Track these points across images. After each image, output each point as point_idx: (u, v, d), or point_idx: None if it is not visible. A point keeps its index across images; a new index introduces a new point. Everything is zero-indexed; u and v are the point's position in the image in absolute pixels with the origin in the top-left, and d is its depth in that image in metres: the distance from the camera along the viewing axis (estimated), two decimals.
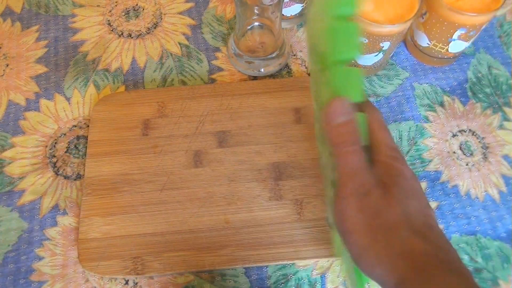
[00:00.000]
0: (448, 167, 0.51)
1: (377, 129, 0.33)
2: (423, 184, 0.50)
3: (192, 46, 0.59)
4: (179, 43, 0.59)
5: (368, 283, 0.37)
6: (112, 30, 0.60)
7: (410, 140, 0.53)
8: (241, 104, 0.53)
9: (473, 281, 0.29)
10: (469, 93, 0.56)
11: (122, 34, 0.60)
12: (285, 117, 0.53)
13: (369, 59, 0.53)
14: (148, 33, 0.60)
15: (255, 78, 0.57)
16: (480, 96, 0.56)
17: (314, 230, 0.46)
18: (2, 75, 0.56)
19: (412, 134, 0.53)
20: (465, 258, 0.47)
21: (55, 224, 0.47)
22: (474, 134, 0.54)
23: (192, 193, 0.48)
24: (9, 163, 0.51)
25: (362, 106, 0.33)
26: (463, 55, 0.59)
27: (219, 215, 0.47)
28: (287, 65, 0.58)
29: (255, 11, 0.50)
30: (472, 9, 0.49)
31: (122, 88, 0.56)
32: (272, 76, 0.57)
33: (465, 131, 0.54)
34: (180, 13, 0.62)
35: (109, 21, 0.61)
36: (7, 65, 0.57)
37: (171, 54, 0.58)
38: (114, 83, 0.56)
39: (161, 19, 0.61)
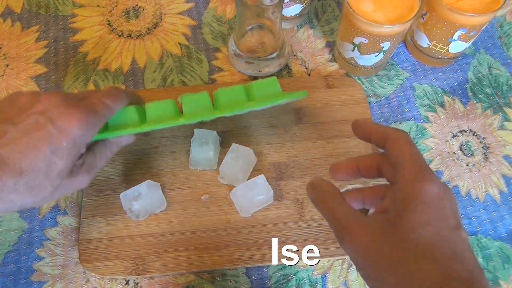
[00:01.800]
0: (448, 168, 0.51)
1: (398, 145, 0.31)
2: None
3: (192, 46, 0.59)
4: (179, 44, 0.59)
5: None
6: (112, 31, 0.60)
7: None
8: None
9: None
10: (470, 94, 0.56)
11: (122, 34, 0.60)
12: (286, 117, 0.53)
13: (370, 59, 0.53)
14: (148, 33, 0.60)
15: (255, 78, 0.57)
16: (481, 96, 0.56)
17: (315, 230, 0.46)
18: (2, 75, 0.56)
19: (412, 134, 0.53)
20: None
21: (55, 224, 0.47)
22: (475, 134, 0.54)
23: (193, 193, 0.48)
24: None
25: (387, 130, 0.33)
26: (463, 55, 0.59)
27: (220, 215, 0.47)
28: (287, 66, 0.58)
29: (255, 11, 0.50)
30: (472, 10, 0.49)
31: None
32: (272, 76, 0.57)
33: (465, 131, 0.54)
34: (180, 13, 0.62)
35: (109, 21, 0.61)
36: (7, 65, 0.57)
37: (171, 55, 0.58)
38: (114, 83, 0.56)
39: (161, 19, 0.61)
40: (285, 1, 0.55)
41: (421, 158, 0.31)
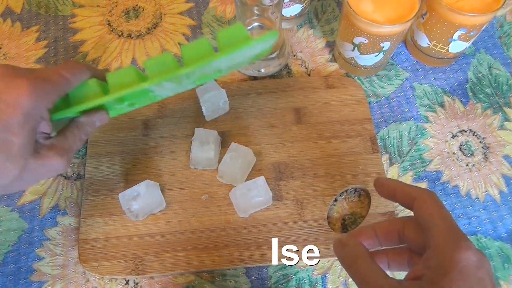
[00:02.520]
0: (448, 168, 0.51)
1: (428, 208, 0.30)
2: (423, 185, 0.50)
3: None
4: (179, 44, 0.59)
5: None
6: (112, 31, 0.60)
7: (410, 141, 0.53)
8: (241, 104, 0.53)
9: None
10: (470, 93, 0.56)
11: (122, 34, 0.60)
12: (285, 117, 0.53)
13: (370, 59, 0.53)
14: (148, 33, 0.60)
15: (255, 78, 0.57)
16: (481, 96, 0.56)
17: (315, 230, 0.46)
18: None
19: (412, 134, 0.53)
20: None
21: (55, 224, 0.47)
22: (475, 134, 0.54)
23: (192, 194, 0.48)
24: None
25: (413, 190, 0.32)
26: (463, 55, 0.59)
27: (220, 215, 0.47)
28: (287, 66, 0.58)
29: (255, 11, 0.50)
30: (472, 10, 0.49)
31: None
32: (272, 76, 0.57)
33: (465, 131, 0.54)
34: (180, 13, 0.62)
35: (109, 21, 0.61)
36: None
37: None
38: None
39: (161, 19, 0.61)
40: (285, 1, 0.55)
41: (453, 221, 0.30)
